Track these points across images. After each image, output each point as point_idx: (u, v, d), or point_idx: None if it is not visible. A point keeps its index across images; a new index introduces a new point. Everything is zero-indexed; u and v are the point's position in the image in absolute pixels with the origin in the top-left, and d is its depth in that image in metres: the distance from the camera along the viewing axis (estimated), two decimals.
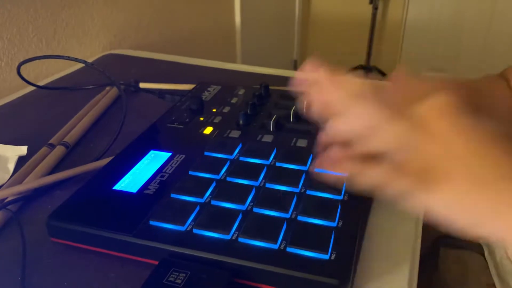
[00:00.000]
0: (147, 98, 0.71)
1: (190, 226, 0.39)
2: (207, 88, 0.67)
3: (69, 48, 0.87)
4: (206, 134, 0.55)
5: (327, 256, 0.36)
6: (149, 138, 0.55)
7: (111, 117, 0.66)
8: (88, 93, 0.71)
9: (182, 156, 0.50)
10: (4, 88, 0.75)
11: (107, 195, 0.44)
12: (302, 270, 0.35)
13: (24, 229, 0.43)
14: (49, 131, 0.60)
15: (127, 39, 1.03)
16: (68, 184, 0.50)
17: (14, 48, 0.77)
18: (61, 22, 0.85)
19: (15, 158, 0.54)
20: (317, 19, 2.39)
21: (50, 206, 0.47)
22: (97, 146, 0.58)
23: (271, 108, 0.60)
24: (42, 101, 0.71)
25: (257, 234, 0.38)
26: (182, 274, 0.35)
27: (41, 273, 0.39)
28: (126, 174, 0.47)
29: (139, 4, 1.05)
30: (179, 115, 0.59)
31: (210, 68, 0.84)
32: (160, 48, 1.13)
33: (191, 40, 1.31)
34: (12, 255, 0.41)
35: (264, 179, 0.45)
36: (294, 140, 0.52)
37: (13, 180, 0.50)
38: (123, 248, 0.40)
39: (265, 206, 0.41)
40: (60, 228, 0.41)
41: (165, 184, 0.45)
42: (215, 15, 1.46)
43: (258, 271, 0.36)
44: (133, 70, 0.82)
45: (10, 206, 0.46)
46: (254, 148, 0.50)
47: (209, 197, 0.43)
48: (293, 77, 0.33)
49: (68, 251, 0.41)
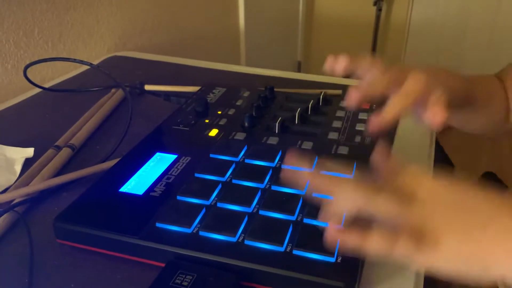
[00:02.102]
0: (153, 100, 0.71)
1: (196, 228, 0.39)
2: (212, 90, 0.67)
3: (75, 50, 0.88)
4: (211, 136, 0.55)
5: (333, 259, 0.36)
6: (154, 140, 0.55)
7: (117, 119, 0.67)
8: (94, 95, 0.71)
9: (187, 158, 0.50)
10: (11, 90, 0.76)
11: (113, 197, 0.44)
12: (308, 273, 0.35)
13: (31, 230, 0.43)
14: (55, 133, 0.60)
15: (132, 41, 1.03)
16: (74, 186, 0.50)
17: (20, 51, 0.77)
18: (67, 24, 0.85)
19: (22, 160, 0.54)
20: (321, 20, 2.39)
21: (56, 208, 0.47)
22: (103, 148, 0.59)
23: (276, 110, 0.60)
24: (48, 103, 0.72)
25: (263, 237, 0.38)
26: (189, 276, 0.36)
27: (47, 274, 0.39)
28: (132, 176, 0.47)
29: (144, 6, 1.06)
30: (184, 117, 0.59)
31: (215, 70, 0.84)
32: (165, 50, 1.13)
33: (196, 42, 1.31)
34: (19, 256, 0.41)
35: (269, 181, 0.45)
36: (300, 142, 0.52)
37: (19, 182, 0.50)
38: (129, 250, 0.40)
39: (271, 209, 0.41)
40: (67, 230, 0.41)
41: (171, 186, 0.45)
42: (219, 17, 1.46)
43: (264, 274, 0.36)
44: (138, 72, 0.82)
45: (17, 208, 0.46)
46: (260, 150, 0.50)
47: (215, 199, 0.43)
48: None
49: (74, 252, 0.41)
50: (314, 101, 0.60)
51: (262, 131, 0.55)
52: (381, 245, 0.31)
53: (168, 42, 1.17)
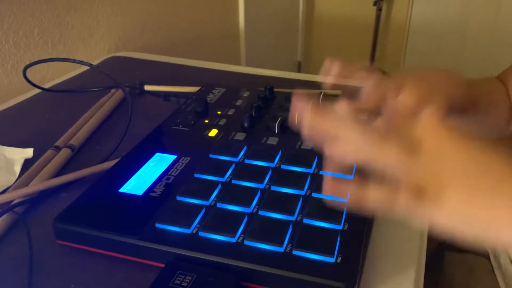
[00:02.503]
0: (152, 101, 0.71)
1: (196, 228, 0.39)
2: (212, 91, 0.67)
3: (75, 51, 0.88)
4: (211, 136, 0.55)
5: (333, 259, 0.36)
6: (154, 141, 0.55)
7: (117, 120, 0.67)
8: (94, 95, 0.71)
9: (187, 158, 0.50)
10: (10, 90, 0.76)
11: (113, 197, 0.44)
12: (308, 273, 0.35)
13: (30, 231, 0.43)
14: (55, 133, 0.60)
15: (132, 42, 1.03)
16: (74, 186, 0.50)
17: (20, 51, 0.77)
18: (67, 24, 0.85)
19: (21, 160, 0.54)
20: (321, 20, 2.39)
21: (56, 208, 0.47)
22: (102, 149, 0.59)
23: (276, 110, 0.60)
24: (47, 103, 0.72)
25: (263, 237, 0.38)
26: (188, 277, 0.36)
27: (47, 275, 0.39)
28: (131, 176, 0.47)
29: (144, 7, 1.06)
30: (184, 118, 0.59)
31: (215, 70, 0.84)
32: (165, 50, 1.13)
33: (196, 43, 1.31)
34: (19, 257, 0.41)
35: (269, 181, 0.45)
36: (299, 143, 0.52)
37: (19, 183, 0.50)
38: (129, 251, 0.40)
39: (270, 209, 0.41)
40: (66, 230, 0.41)
41: (171, 186, 0.45)
42: (219, 17, 1.46)
43: (263, 274, 0.36)
44: (138, 73, 0.82)
45: (16, 208, 0.46)
46: (259, 150, 0.50)
47: (215, 199, 0.43)
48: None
49: (74, 253, 0.41)
50: (314, 101, 0.60)
51: (262, 131, 0.55)
52: (382, 197, 0.30)
53: (168, 43, 1.17)
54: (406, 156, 0.30)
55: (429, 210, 0.30)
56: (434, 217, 0.30)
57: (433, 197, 0.29)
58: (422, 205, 0.29)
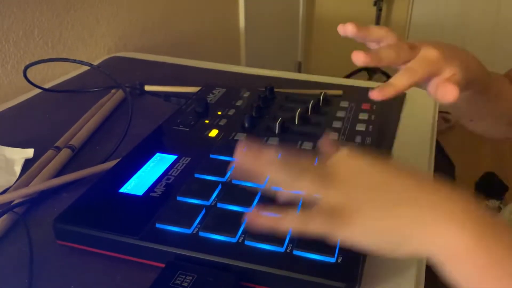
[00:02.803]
0: (153, 101, 0.71)
1: (196, 229, 0.39)
2: (212, 91, 0.67)
3: (75, 51, 0.88)
4: (211, 136, 0.55)
5: (334, 259, 0.36)
6: (154, 141, 0.55)
7: (117, 120, 0.66)
8: (94, 95, 0.71)
9: (187, 158, 0.50)
10: (10, 90, 0.76)
11: (113, 197, 0.44)
12: (308, 273, 0.35)
13: (30, 231, 0.43)
14: (55, 133, 0.60)
15: (132, 42, 1.03)
16: (74, 186, 0.50)
17: (20, 51, 0.77)
18: (67, 24, 0.85)
19: (22, 160, 0.54)
20: (321, 21, 2.39)
21: (56, 208, 0.47)
22: (103, 149, 0.59)
23: (276, 110, 0.60)
24: (48, 103, 0.71)
25: (264, 237, 0.38)
26: (189, 277, 0.36)
27: (47, 275, 0.39)
28: (132, 176, 0.47)
29: (144, 7, 1.06)
30: (184, 118, 0.59)
31: (215, 70, 0.84)
32: (165, 50, 1.13)
33: (196, 43, 1.31)
34: (19, 257, 0.41)
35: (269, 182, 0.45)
36: (300, 143, 0.52)
37: (19, 183, 0.50)
38: (129, 251, 0.40)
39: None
40: (66, 230, 0.41)
41: (171, 186, 0.45)
42: (219, 18, 1.46)
43: (264, 274, 0.36)
44: (138, 73, 0.82)
45: (16, 208, 0.46)
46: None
47: (215, 199, 0.43)
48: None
49: (74, 253, 0.41)
50: (314, 101, 0.60)
51: (262, 131, 0.55)
52: (295, 223, 0.33)
53: (168, 43, 1.16)
54: (321, 184, 0.33)
55: (344, 229, 0.32)
56: (350, 236, 0.32)
57: (346, 218, 0.31)
58: (336, 227, 0.32)
